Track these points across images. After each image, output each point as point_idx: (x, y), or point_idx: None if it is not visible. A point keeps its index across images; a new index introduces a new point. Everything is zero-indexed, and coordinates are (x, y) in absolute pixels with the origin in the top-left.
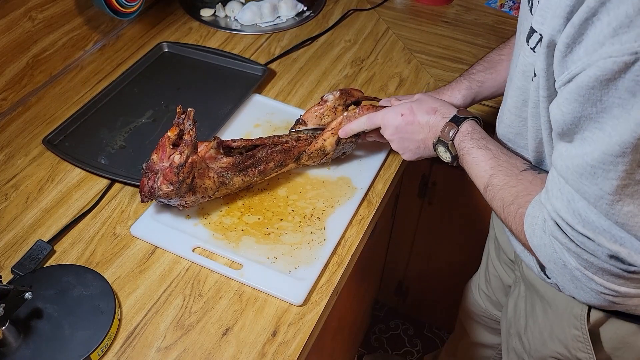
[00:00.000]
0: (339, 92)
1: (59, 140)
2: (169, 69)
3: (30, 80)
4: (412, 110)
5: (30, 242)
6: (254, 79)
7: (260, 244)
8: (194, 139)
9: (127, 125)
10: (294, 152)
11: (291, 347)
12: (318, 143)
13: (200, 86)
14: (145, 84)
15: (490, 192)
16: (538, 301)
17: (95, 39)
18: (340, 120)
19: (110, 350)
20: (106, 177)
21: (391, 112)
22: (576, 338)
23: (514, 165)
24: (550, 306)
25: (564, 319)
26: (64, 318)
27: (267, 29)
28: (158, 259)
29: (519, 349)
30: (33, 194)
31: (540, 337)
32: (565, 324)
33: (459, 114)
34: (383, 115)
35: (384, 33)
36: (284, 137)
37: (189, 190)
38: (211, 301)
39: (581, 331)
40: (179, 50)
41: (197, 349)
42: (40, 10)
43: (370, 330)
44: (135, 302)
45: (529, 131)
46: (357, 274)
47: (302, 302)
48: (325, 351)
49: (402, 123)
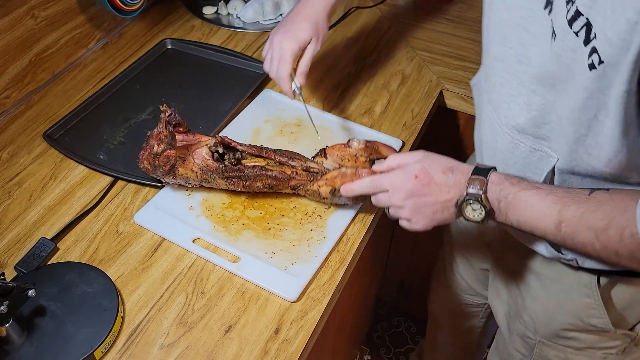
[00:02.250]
0: (364, 143)
1: (59, 135)
2: (171, 66)
3: (33, 78)
4: (426, 171)
5: (34, 239)
6: (256, 77)
7: (259, 239)
8: (167, 137)
9: (128, 121)
10: (289, 182)
11: (294, 344)
12: (314, 185)
13: (202, 83)
14: (147, 81)
15: (567, 228)
16: (534, 278)
17: (97, 37)
18: (336, 174)
19: (113, 347)
20: (104, 172)
21: (402, 175)
22: (589, 306)
23: (577, 193)
24: (552, 282)
25: (574, 290)
26: (67, 315)
27: (270, 26)
28: (161, 257)
29: (520, 329)
30: (36, 191)
31: (545, 313)
32: (575, 295)
33: (480, 166)
34: (392, 179)
35: (387, 30)
36: (289, 164)
37: (167, 174)
38: (214, 298)
39: (593, 298)
40: (183, 47)
41: (200, 346)
42: (42, 9)
43: (372, 327)
44: (138, 300)
45: (568, 124)
46: (359, 272)
47: (296, 298)
48: (327, 348)
49: (418, 186)
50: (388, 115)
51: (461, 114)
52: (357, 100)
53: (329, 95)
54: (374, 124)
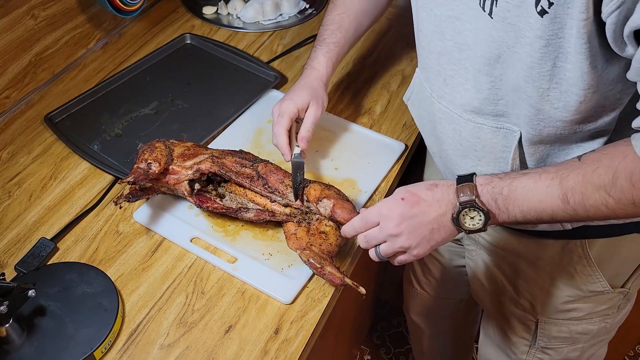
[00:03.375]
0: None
1: (61, 119)
2: (185, 62)
3: (33, 78)
4: (411, 192)
5: (34, 239)
6: (266, 84)
7: (257, 240)
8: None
9: (129, 113)
10: (269, 218)
11: (294, 344)
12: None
13: (211, 84)
14: (159, 74)
15: (574, 196)
16: (521, 261)
17: (97, 37)
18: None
19: (114, 347)
20: (94, 164)
21: (388, 202)
22: (583, 273)
23: (568, 162)
24: (541, 260)
25: (564, 262)
26: (67, 315)
27: (270, 26)
28: (161, 257)
29: (519, 314)
30: (36, 191)
31: (542, 292)
32: (568, 265)
33: (460, 176)
34: (379, 210)
35: (387, 31)
36: (270, 197)
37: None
38: (214, 299)
39: (588, 265)
40: (201, 43)
41: (200, 346)
42: (42, 9)
43: (372, 327)
44: (138, 300)
45: (526, 87)
46: (359, 272)
47: (291, 301)
48: (327, 348)
49: (407, 207)
50: (388, 115)
51: None
52: (357, 100)
53: (329, 95)
54: (373, 124)
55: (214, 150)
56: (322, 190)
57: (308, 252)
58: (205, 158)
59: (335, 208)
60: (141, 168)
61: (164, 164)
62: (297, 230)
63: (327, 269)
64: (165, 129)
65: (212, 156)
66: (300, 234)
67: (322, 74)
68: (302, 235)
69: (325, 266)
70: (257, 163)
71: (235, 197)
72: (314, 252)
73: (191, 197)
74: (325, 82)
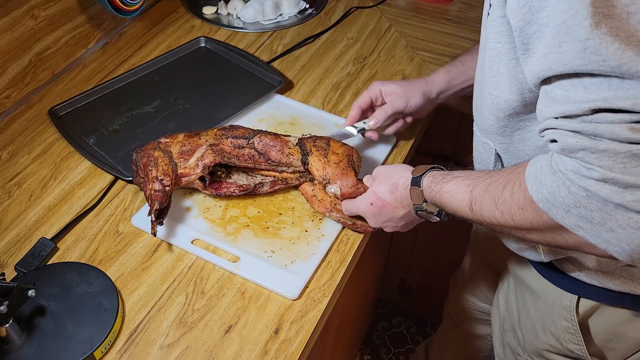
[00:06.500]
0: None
1: (65, 113)
2: (196, 64)
3: (33, 78)
4: (377, 196)
5: (34, 239)
6: (269, 88)
7: (258, 238)
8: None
9: (131, 110)
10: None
11: (294, 344)
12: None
13: (216, 86)
14: (167, 74)
15: (476, 205)
16: (528, 295)
17: (97, 37)
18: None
19: (114, 347)
20: (87, 157)
21: (362, 205)
22: (566, 329)
23: (489, 173)
24: (540, 299)
25: (554, 311)
26: (67, 315)
27: (270, 26)
28: (161, 257)
29: (513, 343)
30: (36, 191)
31: (532, 330)
32: (556, 316)
33: (413, 174)
34: (358, 208)
35: (387, 30)
36: (278, 170)
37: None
38: (214, 298)
39: (571, 322)
40: (214, 47)
41: (200, 346)
42: (42, 9)
43: (372, 327)
44: (138, 300)
45: (483, 99)
46: (359, 272)
47: (297, 296)
48: (327, 348)
49: (376, 210)
50: None
51: (461, 114)
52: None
53: (329, 95)
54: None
55: (207, 136)
56: (324, 169)
57: (335, 213)
58: (204, 150)
59: (342, 192)
60: (157, 190)
61: (172, 173)
62: (315, 190)
63: (358, 223)
64: (161, 127)
65: (210, 145)
66: (320, 194)
67: (430, 80)
68: (322, 196)
69: (355, 221)
70: (252, 138)
71: (246, 176)
72: (341, 212)
73: (206, 189)
74: (430, 88)
